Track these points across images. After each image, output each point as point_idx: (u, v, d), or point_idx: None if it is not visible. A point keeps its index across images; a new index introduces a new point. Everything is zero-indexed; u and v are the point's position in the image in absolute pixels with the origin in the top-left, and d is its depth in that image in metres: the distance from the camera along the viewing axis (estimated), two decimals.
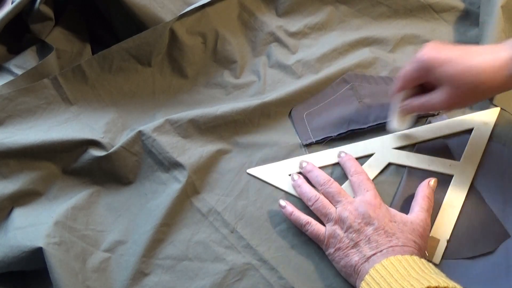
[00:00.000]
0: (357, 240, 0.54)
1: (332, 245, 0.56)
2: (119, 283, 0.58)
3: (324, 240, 0.56)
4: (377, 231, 0.53)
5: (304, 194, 0.61)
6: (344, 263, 0.54)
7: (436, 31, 0.78)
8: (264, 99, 0.70)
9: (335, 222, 0.56)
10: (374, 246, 0.53)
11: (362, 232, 0.54)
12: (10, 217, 0.63)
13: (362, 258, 0.52)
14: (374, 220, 0.54)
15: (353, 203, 0.57)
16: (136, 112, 0.73)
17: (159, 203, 0.62)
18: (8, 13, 0.70)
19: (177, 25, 0.75)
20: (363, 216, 0.55)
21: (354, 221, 0.55)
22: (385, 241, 0.53)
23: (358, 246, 0.53)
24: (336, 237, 0.55)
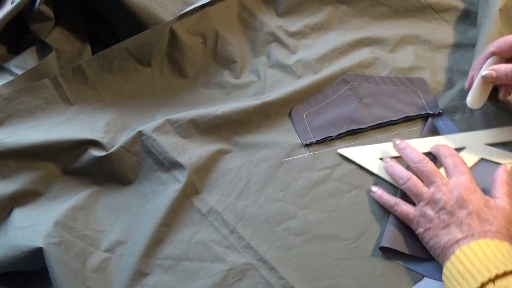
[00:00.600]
0: (448, 222, 0.53)
1: (422, 224, 0.55)
2: (119, 283, 0.58)
3: (414, 219, 0.56)
4: (470, 215, 0.53)
5: (395, 174, 0.60)
6: (433, 243, 0.54)
7: (436, 31, 0.78)
8: (264, 99, 0.70)
9: (427, 203, 0.56)
10: (465, 230, 0.52)
11: (454, 214, 0.53)
12: (10, 217, 0.63)
13: (452, 239, 0.52)
14: (469, 204, 0.53)
15: (447, 185, 0.56)
16: (136, 112, 0.73)
17: (159, 203, 0.62)
18: (8, 13, 0.70)
19: (177, 25, 0.75)
20: (457, 198, 0.54)
21: (447, 202, 0.54)
22: (478, 225, 0.52)
23: (449, 228, 0.53)
24: (427, 217, 0.55)
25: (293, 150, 0.67)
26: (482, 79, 0.61)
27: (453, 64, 0.74)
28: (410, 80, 0.72)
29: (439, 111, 0.68)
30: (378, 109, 0.69)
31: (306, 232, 0.60)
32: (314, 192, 0.63)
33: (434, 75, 0.73)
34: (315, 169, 0.65)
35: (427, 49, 0.77)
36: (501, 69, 0.60)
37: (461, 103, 0.69)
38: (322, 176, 0.64)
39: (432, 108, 0.69)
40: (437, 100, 0.70)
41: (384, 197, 0.60)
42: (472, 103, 0.63)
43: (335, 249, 0.59)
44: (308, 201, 0.62)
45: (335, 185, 0.63)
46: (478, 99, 0.63)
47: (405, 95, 0.70)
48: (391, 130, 0.68)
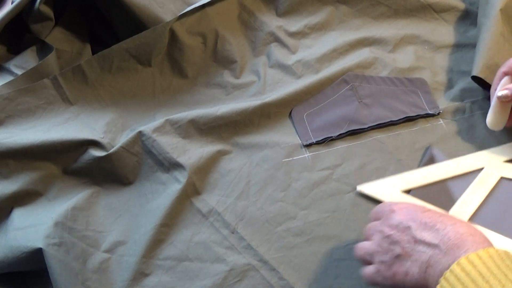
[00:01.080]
0: (404, 252, 0.45)
1: (388, 272, 0.46)
2: (119, 283, 0.58)
3: (375, 278, 0.48)
4: (418, 228, 0.45)
5: None
6: (412, 280, 0.45)
7: (436, 31, 0.78)
8: (264, 99, 0.70)
9: (371, 259, 0.49)
10: (427, 245, 0.44)
11: (402, 240, 0.46)
12: (10, 218, 0.63)
13: (423, 265, 0.43)
14: (408, 221, 0.47)
15: (377, 226, 0.50)
16: (136, 112, 0.73)
17: (159, 203, 0.62)
18: (8, 13, 0.70)
19: (177, 25, 0.75)
20: (391, 225, 0.48)
21: (387, 235, 0.47)
22: (433, 235, 0.44)
23: (411, 256, 0.45)
24: (382, 264, 0.47)
25: (293, 151, 0.67)
26: (498, 100, 0.61)
27: (453, 64, 0.75)
28: (410, 80, 0.72)
29: (439, 111, 0.69)
30: (378, 109, 0.69)
31: (307, 232, 0.60)
32: (315, 192, 0.63)
33: (434, 75, 0.73)
34: (316, 170, 0.65)
35: (427, 49, 0.77)
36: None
37: (461, 103, 0.69)
38: (323, 176, 0.64)
39: (432, 108, 0.69)
40: (437, 100, 0.70)
41: None
42: (492, 125, 0.63)
43: (335, 250, 0.58)
44: (309, 201, 0.62)
45: (335, 186, 0.63)
46: (498, 120, 0.62)
47: (405, 95, 0.70)
48: (392, 131, 0.68)
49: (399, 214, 0.48)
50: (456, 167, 0.63)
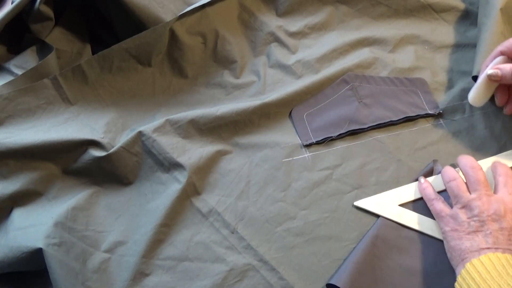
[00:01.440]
0: (477, 230, 0.53)
1: (450, 224, 0.55)
2: (119, 283, 0.58)
3: (445, 217, 0.56)
4: (501, 230, 0.52)
5: (445, 172, 0.60)
6: (454, 244, 0.54)
7: (436, 31, 0.78)
8: (264, 99, 0.70)
9: (463, 206, 0.55)
10: (491, 241, 0.51)
11: (486, 224, 0.53)
12: (10, 218, 0.63)
13: (475, 246, 0.52)
14: (503, 220, 0.53)
15: (490, 197, 0.55)
16: (136, 112, 0.73)
17: (159, 203, 0.62)
18: (8, 13, 0.70)
19: (177, 25, 0.75)
20: (494, 211, 0.53)
21: (483, 212, 0.54)
22: (506, 242, 0.51)
23: (475, 235, 0.53)
24: (458, 219, 0.55)
25: (293, 151, 0.67)
26: (487, 77, 0.61)
27: (453, 64, 0.74)
28: (410, 80, 0.72)
29: (439, 111, 0.69)
30: (378, 109, 0.69)
31: (307, 232, 0.60)
32: (315, 192, 0.63)
33: (434, 75, 0.73)
34: (316, 170, 0.65)
35: (427, 49, 0.77)
36: (506, 68, 0.60)
37: (461, 103, 0.69)
38: (323, 176, 0.64)
39: (432, 108, 0.69)
40: (437, 100, 0.70)
41: (427, 190, 0.60)
42: (474, 100, 0.63)
43: (335, 250, 0.59)
44: (309, 201, 0.62)
45: (335, 186, 0.63)
46: (480, 97, 0.63)
47: (405, 95, 0.70)
48: (391, 130, 0.68)
49: (506, 211, 0.53)
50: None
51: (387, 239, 0.58)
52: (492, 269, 0.49)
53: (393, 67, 0.74)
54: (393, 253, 0.57)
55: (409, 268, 0.56)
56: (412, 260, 0.57)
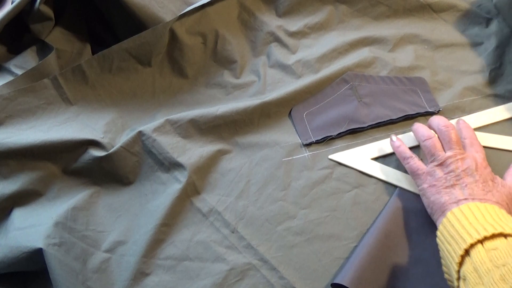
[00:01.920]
0: (453, 183, 0.56)
1: (427, 181, 0.58)
2: (119, 283, 0.58)
3: (421, 175, 0.59)
4: (476, 183, 0.55)
5: (419, 131, 0.63)
6: (434, 199, 0.56)
7: (436, 31, 0.79)
8: (264, 99, 0.70)
9: (440, 164, 0.58)
10: (467, 193, 0.54)
11: (461, 178, 0.56)
12: (10, 218, 0.63)
13: (453, 199, 0.55)
14: (476, 174, 0.56)
15: (463, 155, 0.58)
16: (136, 112, 0.73)
17: (160, 203, 0.62)
18: (8, 13, 0.70)
19: (177, 25, 0.75)
20: (468, 167, 0.57)
21: (458, 168, 0.57)
22: (481, 192, 0.54)
23: (452, 188, 0.56)
24: (435, 175, 0.58)
25: (293, 150, 0.67)
26: None
27: (452, 63, 0.75)
28: (410, 80, 0.72)
29: (439, 109, 0.69)
30: (378, 108, 0.69)
31: (307, 231, 0.60)
32: (315, 191, 0.63)
33: (434, 75, 0.73)
34: (316, 169, 0.65)
35: (426, 49, 0.77)
36: None
37: (461, 101, 0.69)
38: (323, 175, 0.64)
39: (432, 106, 0.69)
40: (437, 99, 0.70)
41: (401, 148, 0.63)
42: None
43: (335, 249, 0.59)
44: (309, 200, 0.62)
45: (335, 185, 0.63)
46: None
47: (405, 94, 0.70)
48: (391, 129, 0.68)
49: (477, 166, 0.57)
50: None
51: (391, 232, 0.58)
52: (471, 215, 0.51)
53: (393, 66, 0.74)
54: (398, 246, 0.58)
55: (418, 258, 0.57)
56: (421, 250, 0.58)
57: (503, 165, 0.61)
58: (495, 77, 0.72)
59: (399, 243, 0.58)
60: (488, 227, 0.49)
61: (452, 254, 0.49)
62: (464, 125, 0.64)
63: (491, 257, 0.46)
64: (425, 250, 0.57)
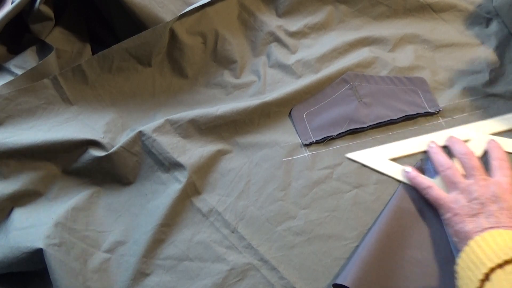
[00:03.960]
0: (478, 212, 0.54)
1: (452, 210, 0.56)
2: (120, 283, 0.58)
3: (444, 204, 0.57)
4: (501, 210, 0.54)
5: (438, 160, 0.62)
6: (458, 228, 0.55)
7: (436, 31, 0.78)
8: (264, 99, 0.70)
9: (462, 192, 0.57)
10: (493, 221, 0.53)
11: (486, 206, 0.54)
12: (10, 218, 0.63)
13: (478, 227, 0.53)
14: (502, 201, 0.54)
15: (486, 181, 0.57)
16: (136, 112, 0.73)
17: (160, 203, 0.62)
18: (8, 13, 0.70)
19: (177, 25, 0.75)
20: (492, 193, 0.55)
21: (482, 195, 0.55)
22: (507, 220, 0.53)
23: (477, 217, 0.54)
24: (458, 203, 0.56)
25: (293, 150, 0.67)
26: None
27: (452, 63, 0.75)
28: (410, 80, 0.72)
29: (439, 109, 0.69)
30: (378, 108, 0.69)
31: (307, 231, 0.60)
32: (315, 191, 0.63)
33: (434, 75, 0.73)
34: (316, 169, 0.65)
35: (426, 49, 0.77)
36: None
37: (461, 101, 0.69)
38: (323, 175, 0.64)
39: (432, 106, 0.69)
40: (437, 99, 0.70)
41: (418, 179, 0.61)
42: None
43: (336, 249, 0.59)
44: (309, 200, 0.62)
45: (335, 185, 0.63)
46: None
47: (405, 95, 0.70)
48: (391, 130, 0.68)
49: (502, 191, 0.55)
50: (443, 139, 0.65)
51: (392, 232, 0.58)
52: (493, 242, 0.50)
53: (393, 66, 0.74)
54: (400, 246, 0.57)
55: (419, 259, 0.57)
56: (422, 250, 0.57)
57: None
58: (495, 77, 0.72)
59: (400, 243, 0.58)
60: (509, 251, 0.48)
61: (472, 278, 0.48)
62: (494, 146, 0.62)
63: (511, 279, 0.46)
64: (427, 251, 0.57)
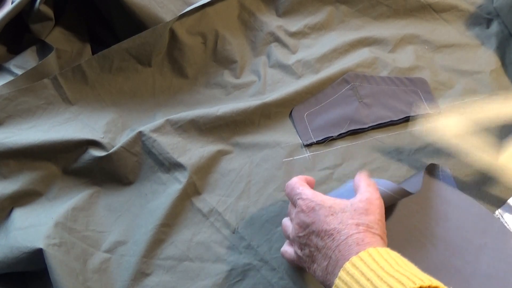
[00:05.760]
0: (311, 255, 0.49)
1: (304, 265, 0.51)
2: (120, 283, 0.58)
3: (298, 263, 0.53)
4: (319, 235, 0.49)
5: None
6: (318, 280, 0.49)
7: (436, 31, 0.79)
8: (264, 99, 0.70)
9: (291, 243, 0.53)
10: (325, 254, 0.48)
11: (310, 244, 0.49)
12: (10, 218, 0.63)
13: (324, 271, 0.48)
14: (312, 225, 0.49)
15: (293, 217, 0.53)
16: (136, 112, 0.72)
17: (160, 203, 0.62)
18: (8, 13, 0.70)
19: (177, 25, 0.75)
20: (301, 226, 0.50)
21: (298, 235, 0.51)
22: (330, 243, 0.47)
23: (316, 261, 0.49)
24: (300, 258, 0.51)
25: (294, 150, 0.67)
26: None
27: (453, 64, 0.75)
28: (410, 80, 0.72)
29: (440, 110, 0.69)
30: (378, 109, 0.69)
31: None
32: None
33: (434, 75, 0.73)
34: (316, 169, 0.65)
35: (427, 49, 0.77)
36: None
37: (462, 102, 0.69)
38: (323, 176, 0.64)
39: (433, 108, 0.69)
40: (438, 100, 0.70)
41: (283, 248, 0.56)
42: None
43: None
44: None
45: (336, 185, 0.63)
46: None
47: (405, 95, 0.70)
48: (392, 130, 0.68)
49: (305, 215, 0.50)
50: None
51: (390, 230, 0.55)
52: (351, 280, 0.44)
53: (393, 66, 0.74)
54: (399, 245, 0.54)
55: (417, 257, 0.54)
56: (419, 247, 0.56)
57: None
58: (496, 78, 0.72)
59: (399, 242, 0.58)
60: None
61: None
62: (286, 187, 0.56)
63: None
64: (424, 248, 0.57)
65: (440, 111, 0.69)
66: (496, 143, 0.64)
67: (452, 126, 0.66)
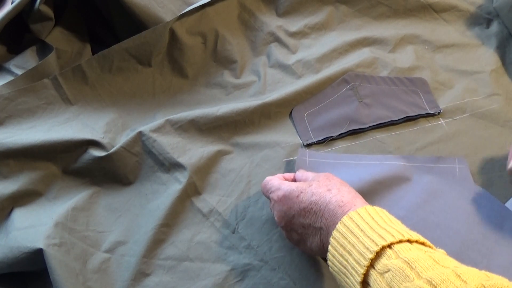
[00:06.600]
0: (301, 236, 0.53)
1: (301, 248, 0.55)
2: (120, 283, 0.58)
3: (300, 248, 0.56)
4: (300, 215, 0.52)
5: None
6: (317, 254, 0.53)
7: (436, 31, 0.79)
8: (264, 99, 0.70)
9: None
10: (313, 228, 0.51)
11: (295, 228, 0.53)
12: (10, 218, 0.63)
13: (319, 243, 0.51)
14: (290, 210, 0.52)
15: (273, 212, 0.56)
16: (136, 112, 0.72)
17: (160, 203, 0.62)
18: (8, 13, 0.70)
19: (177, 25, 0.75)
20: (281, 215, 0.54)
21: (281, 225, 0.54)
22: (313, 217, 0.50)
23: (308, 238, 0.52)
24: (296, 244, 0.55)
25: (294, 150, 0.67)
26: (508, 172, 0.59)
27: (453, 64, 0.75)
28: (410, 80, 0.72)
29: (440, 110, 0.69)
30: (378, 109, 0.69)
31: None
32: None
33: (435, 75, 0.73)
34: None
35: (427, 49, 0.77)
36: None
37: (462, 102, 0.69)
38: None
39: (433, 107, 0.69)
40: (438, 100, 0.70)
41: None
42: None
43: None
44: None
45: None
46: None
47: (405, 95, 0.70)
48: (392, 130, 0.68)
49: (279, 204, 0.54)
50: None
51: None
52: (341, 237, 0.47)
53: (393, 66, 0.74)
54: None
55: None
56: None
57: None
58: (496, 78, 0.72)
59: None
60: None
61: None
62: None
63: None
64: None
65: (440, 111, 0.69)
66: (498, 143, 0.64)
67: (452, 125, 0.67)
